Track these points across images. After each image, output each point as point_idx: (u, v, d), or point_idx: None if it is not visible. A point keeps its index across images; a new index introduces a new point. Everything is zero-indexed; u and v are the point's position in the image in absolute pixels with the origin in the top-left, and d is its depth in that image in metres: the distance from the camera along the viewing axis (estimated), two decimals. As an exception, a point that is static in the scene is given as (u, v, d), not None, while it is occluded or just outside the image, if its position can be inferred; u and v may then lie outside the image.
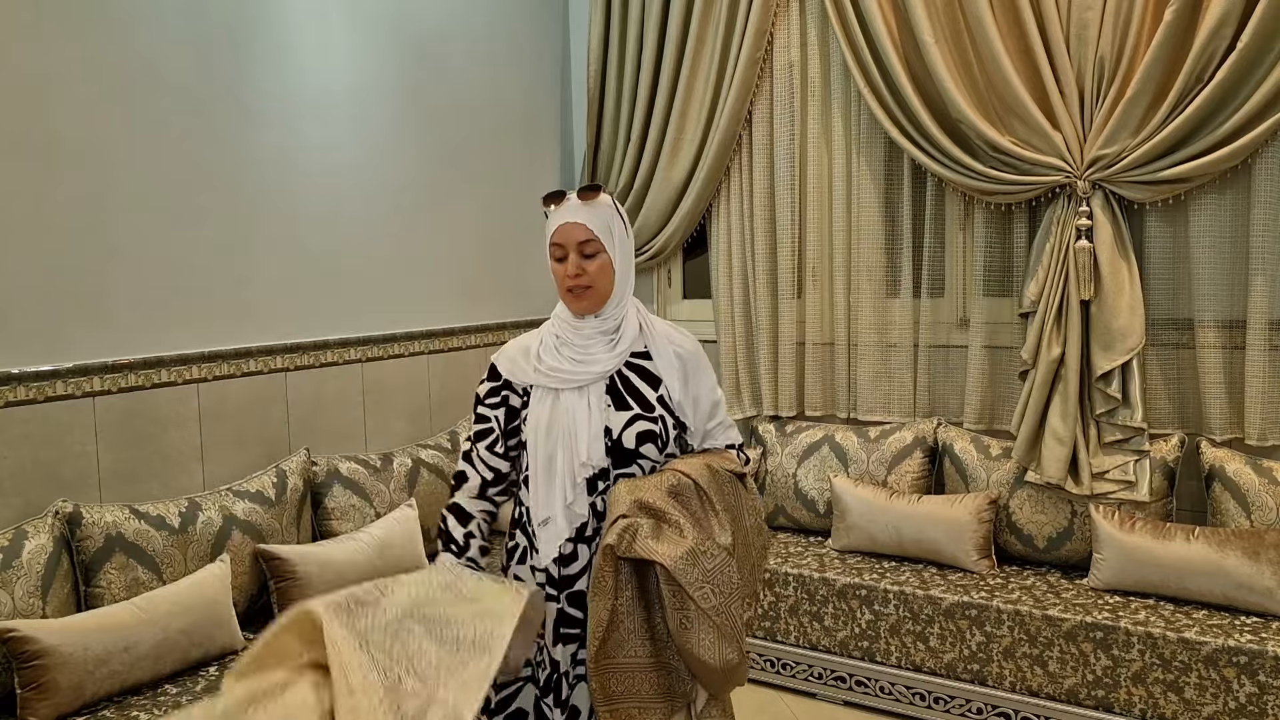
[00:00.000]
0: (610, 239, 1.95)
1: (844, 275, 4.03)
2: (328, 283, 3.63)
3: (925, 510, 3.51)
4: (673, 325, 2.09)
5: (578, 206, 1.95)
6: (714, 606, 1.79)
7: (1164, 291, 3.43)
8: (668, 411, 1.97)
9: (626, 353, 1.98)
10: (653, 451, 1.94)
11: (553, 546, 1.94)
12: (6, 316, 2.75)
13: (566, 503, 1.92)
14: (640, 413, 1.94)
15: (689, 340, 2.06)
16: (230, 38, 3.27)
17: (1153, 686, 2.91)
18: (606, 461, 1.92)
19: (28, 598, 2.52)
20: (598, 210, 1.95)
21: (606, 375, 1.96)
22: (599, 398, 1.94)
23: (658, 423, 1.95)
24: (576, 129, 4.70)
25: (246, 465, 3.32)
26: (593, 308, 1.97)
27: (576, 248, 1.94)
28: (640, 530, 1.81)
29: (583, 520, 1.93)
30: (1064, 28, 3.38)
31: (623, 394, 1.96)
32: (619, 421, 1.93)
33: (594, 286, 1.95)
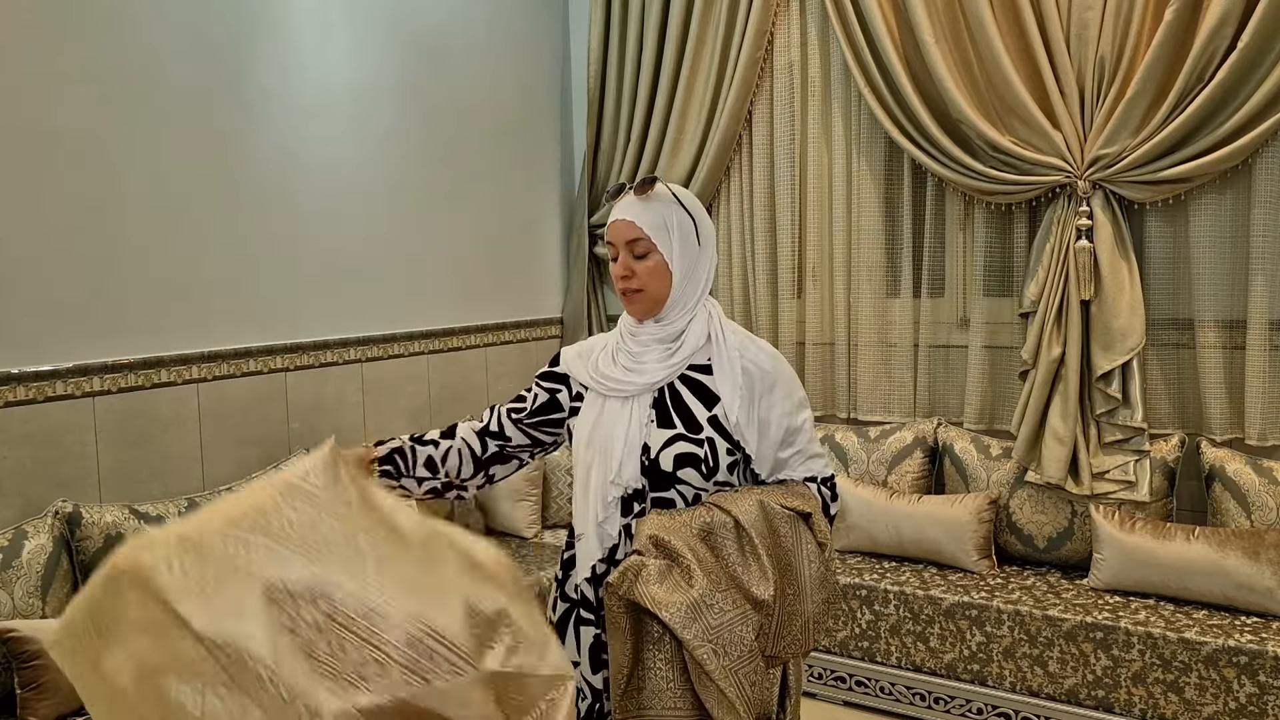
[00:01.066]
0: (667, 237, 1.77)
1: (844, 275, 4.03)
2: (328, 283, 3.62)
3: (925, 510, 3.51)
4: (753, 337, 1.86)
5: (630, 201, 1.79)
6: (717, 669, 1.57)
7: (1164, 291, 3.43)
8: (720, 434, 1.75)
9: (683, 364, 1.79)
10: (694, 477, 1.75)
11: (585, 565, 1.81)
12: (6, 316, 2.75)
13: (598, 520, 1.78)
14: (683, 432, 1.75)
15: (766, 355, 1.81)
16: (231, 38, 3.27)
17: (1153, 687, 2.91)
18: (641, 482, 1.76)
19: (27, 598, 2.52)
20: (651, 205, 1.77)
21: (654, 387, 1.78)
22: (642, 411, 1.78)
23: (703, 445, 1.74)
24: (576, 129, 4.70)
25: (246, 465, 3.31)
26: (648, 312, 1.80)
27: (626, 246, 1.78)
28: (645, 571, 1.62)
29: (614, 542, 1.78)
30: (1064, 27, 3.38)
31: (669, 410, 1.77)
32: (659, 440, 1.75)
33: (645, 290, 1.78)
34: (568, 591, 1.90)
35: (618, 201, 1.83)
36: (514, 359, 4.41)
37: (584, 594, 1.82)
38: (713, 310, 1.85)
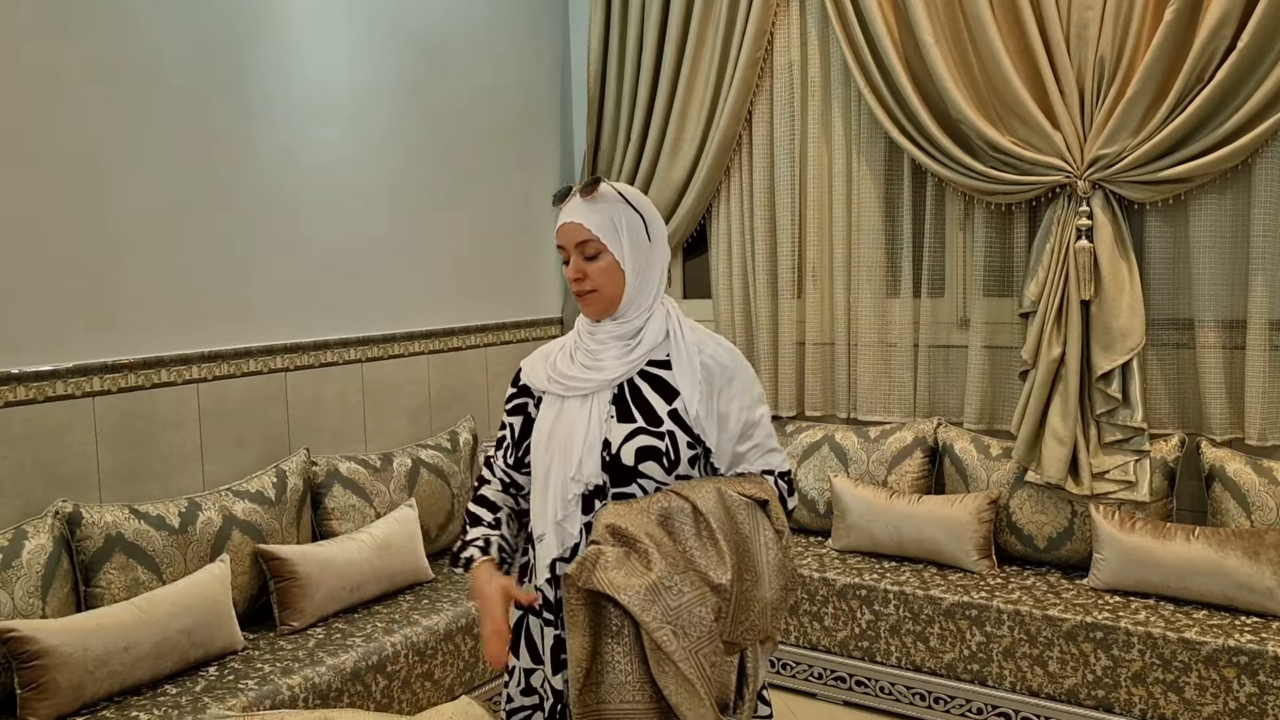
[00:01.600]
0: (616, 236, 1.78)
1: (844, 275, 4.03)
2: (328, 283, 3.63)
3: (925, 510, 3.51)
4: (712, 334, 1.88)
5: (578, 204, 1.79)
6: (677, 650, 1.58)
7: (1164, 291, 3.43)
8: (681, 428, 1.77)
9: (642, 360, 1.80)
10: (656, 471, 1.76)
11: (544, 566, 1.80)
12: (6, 316, 2.75)
13: (557, 519, 1.78)
14: (644, 426, 1.76)
15: (724, 351, 1.83)
16: (231, 38, 3.27)
17: (1153, 687, 2.91)
18: (602, 478, 1.76)
19: (27, 598, 2.52)
20: (598, 206, 1.78)
21: (613, 383, 1.79)
22: (602, 408, 1.78)
23: (664, 439, 1.75)
24: (576, 129, 4.70)
25: (246, 465, 3.31)
26: (602, 312, 1.82)
27: (576, 249, 1.79)
28: (603, 559, 1.62)
29: (575, 541, 1.77)
30: (1064, 27, 3.38)
31: (629, 405, 1.78)
32: (619, 434, 1.76)
33: (599, 290, 1.79)
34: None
35: (565, 205, 1.83)
36: (514, 359, 4.40)
37: (544, 595, 1.81)
38: (670, 308, 1.86)
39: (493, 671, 3.21)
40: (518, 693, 1.92)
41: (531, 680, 1.91)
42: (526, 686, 1.91)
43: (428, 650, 2.99)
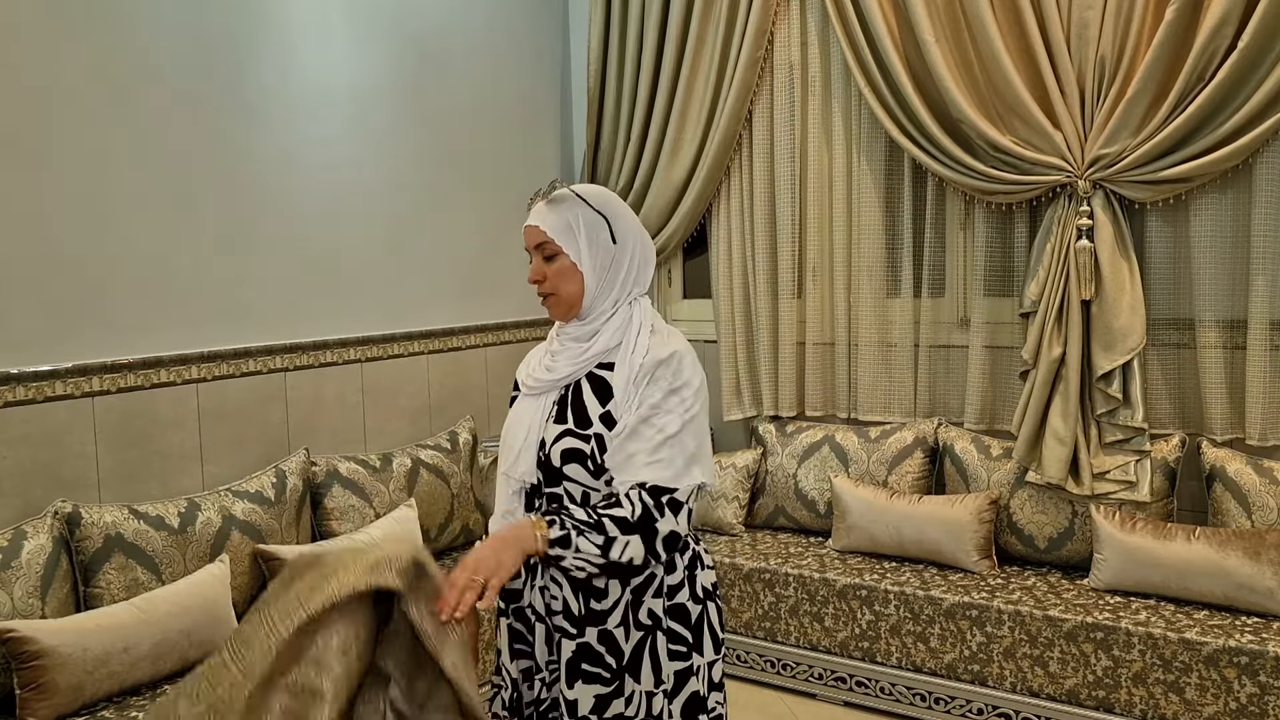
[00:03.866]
0: (573, 238, 1.78)
1: (844, 275, 4.02)
2: (327, 283, 3.62)
3: (926, 510, 3.50)
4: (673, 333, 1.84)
5: (539, 208, 1.83)
6: None
7: (1165, 291, 3.43)
8: (610, 429, 1.74)
9: (591, 363, 1.80)
10: (581, 474, 1.75)
11: None
12: (6, 316, 2.75)
13: (504, 511, 1.85)
14: (572, 428, 1.76)
15: (667, 349, 1.77)
16: (230, 37, 3.27)
17: (1153, 687, 2.91)
18: (537, 476, 1.79)
19: (27, 598, 2.51)
20: (557, 208, 1.80)
21: (560, 384, 1.81)
22: (546, 408, 1.82)
23: (589, 441, 1.74)
24: (576, 129, 4.70)
25: (246, 465, 3.31)
26: (565, 314, 1.82)
27: (535, 250, 1.82)
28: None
29: None
30: (1065, 27, 3.37)
31: (567, 406, 1.80)
32: (551, 435, 1.78)
33: (556, 293, 1.80)
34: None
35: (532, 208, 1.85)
36: (514, 359, 4.38)
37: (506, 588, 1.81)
38: (637, 311, 1.82)
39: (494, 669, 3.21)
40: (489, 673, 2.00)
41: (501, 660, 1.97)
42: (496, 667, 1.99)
43: (427, 650, 2.99)
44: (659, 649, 1.79)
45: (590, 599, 1.77)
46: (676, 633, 1.81)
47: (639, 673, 1.78)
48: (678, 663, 1.81)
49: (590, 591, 1.76)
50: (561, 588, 1.77)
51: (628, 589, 1.77)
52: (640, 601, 1.78)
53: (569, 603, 1.77)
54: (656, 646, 1.79)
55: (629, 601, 1.77)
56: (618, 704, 1.76)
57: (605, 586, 1.76)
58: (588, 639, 1.77)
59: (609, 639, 1.77)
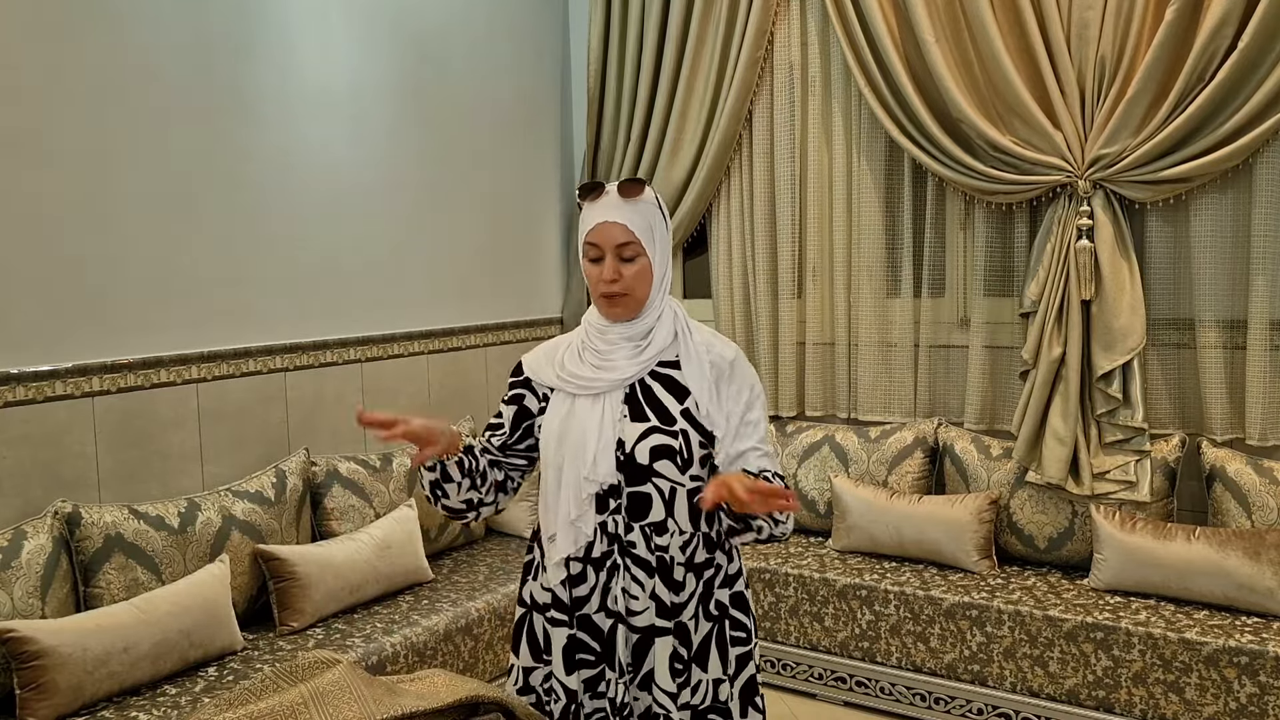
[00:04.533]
0: (652, 241, 1.79)
1: (844, 275, 4.02)
2: (327, 283, 3.62)
3: (926, 510, 3.50)
4: (716, 334, 1.92)
5: (618, 204, 1.78)
6: None
7: (1165, 291, 3.43)
8: (694, 426, 1.79)
9: (653, 361, 1.82)
10: (670, 469, 1.78)
11: (558, 566, 1.82)
12: (6, 316, 2.75)
13: (570, 519, 1.79)
14: (658, 425, 1.78)
15: (729, 348, 1.87)
16: (230, 38, 3.27)
17: (1153, 687, 2.91)
18: (617, 477, 1.78)
19: (27, 598, 2.51)
20: (640, 208, 1.79)
21: (626, 383, 1.81)
22: (615, 407, 1.80)
23: (678, 437, 1.77)
24: (576, 129, 4.70)
25: (246, 465, 3.31)
26: (628, 314, 1.82)
27: (614, 250, 1.78)
28: None
29: (589, 539, 1.80)
30: (1065, 27, 3.37)
31: (642, 404, 1.80)
32: (633, 434, 1.78)
33: (631, 294, 1.79)
34: (523, 595, 1.92)
35: (596, 201, 1.81)
36: (514, 359, 4.34)
37: (556, 595, 1.83)
38: (678, 309, 1.90)
39: (492, 674, 3.21)
40: (514, 690, 1.94)
41: (530, 679, 1.91)
42: (524, 685, 1.92)
43: (427, 651, 2.99)
44: (725, 637, 1.85)
45: (673, 592, 1.80)
46: (739, 620, 1.87)
47: (706, 662, 1.82)
48: (739, 648, 1.87)
49: (672, 585, 1.79)
50: (644, 588, 1.78)
51: (701, 581, 1.82)
52: (710, 593, 1.84)
53: (662, 597, 1.78)
54: (724, 635, 1.85)
55: (701, 593, 1.82)
56: (685, 694, 1.81)
57: (684, 579, 1.80)
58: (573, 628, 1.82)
59: (683, 631, 1.81)
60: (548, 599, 1.85)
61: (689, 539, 1.82)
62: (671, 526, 1.80)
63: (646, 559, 1.79)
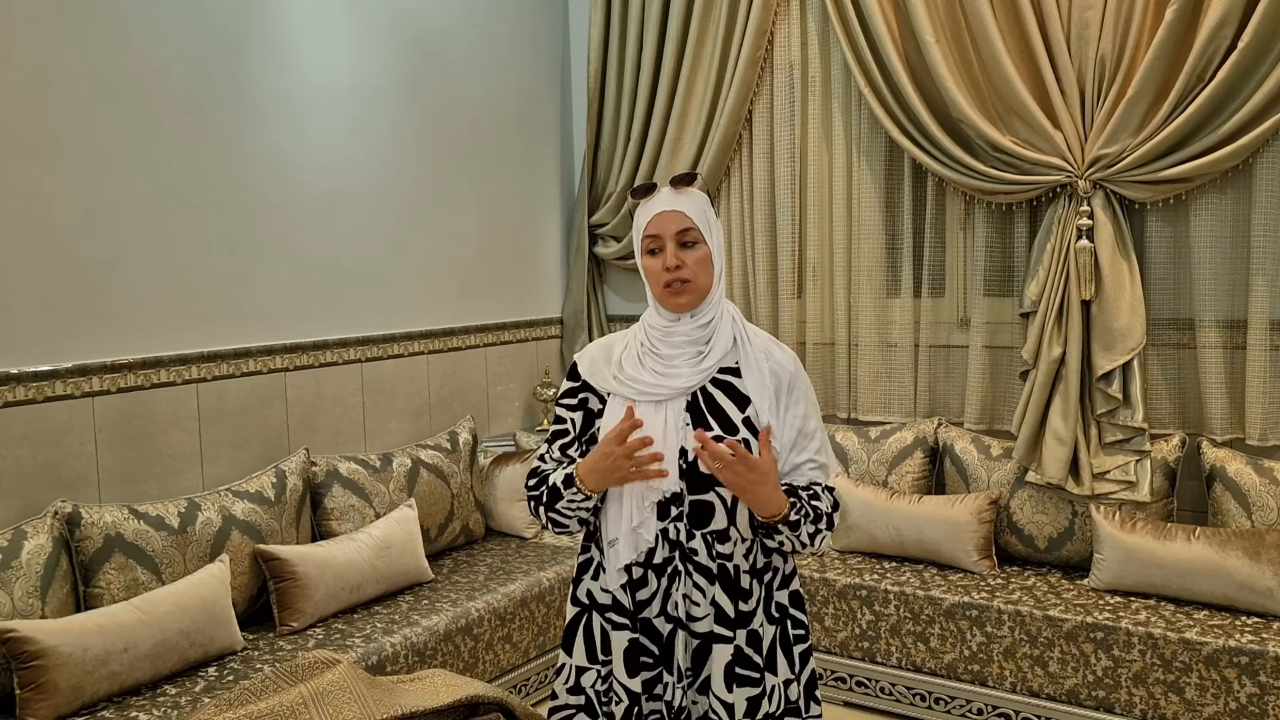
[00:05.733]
0: (709, 229, 1.81)
1: (844, 275, 4.02)
2: (327, 283, 3.62)
3: (926, 510, 3.50)
4: (773, 339, 1.90)
5: (672, 195, 1.81)
6: None
7: (1165, 291, 3.43)
8: (755, 435, 1.77)
9: (714, 368, 1.81)
10: None
11: (618, 571, 1.81)
12: (6, 316, 2.75)
13: (633, 525, 1.78)
14: (720, 434, 1.76)
15: (789, 358, 1.86)
16: (230, 38, 3.27)
17: (1153, 687, 2.91)
18: (680, 485, 1.77)
19: (27, 598, 2.51)
20: (695, 198, 1.81)
21: (689, 391, 1.79)
22: (677, 414, 1.78)
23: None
24: (576, 129, 4.70)
25: (246, 465, 3.31)
26: (691, 305, 1.80)
27: (675, 237, 1.78)
28: None
29: (650, 546, 1.78)
30: (1065, 27, 3.37)
31: (704, 412, 1.79)
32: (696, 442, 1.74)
33: (694, 280, 1.78)
34: (579, 595, 1.90)
35: (650, 199, 1.83)
36: (514, 359, 4.41)
37: (617, 600, 1.82)
38: (735, 314, 1.87)
39: (492, 674, 3.21)
40: (564, 690, 1.91)
41: (582, 680, 1.89)
42: (575, 685, 1.90)
43: (427, 651, 2.99)
44: (789, 637, 1.86)
45: (738, 600, 1.79)
46: (798, 619, 1.88)
47: (775, 665, 1.83)
48: (800, 645, 1.88)
49: (738, 593, 1.79)
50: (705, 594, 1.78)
51: (763, 586, 1.82)
52: (771, 596, 1.84)
53: (723, 605, 1.78)
54: (788, 636, 1.86)
55: (764, 598, 1.82)
56: (764, 704, 1.80)
57: (750, 586, 1.80)
58: (739, 641, 1.79)
59: (755, 639, 1.80)
60: (608, 600, 1.83)
61: (750, 546, 1.82)
62: (734, 535, 1.80)
63: (708, 566, 1.78)
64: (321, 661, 2.46)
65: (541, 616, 3.40)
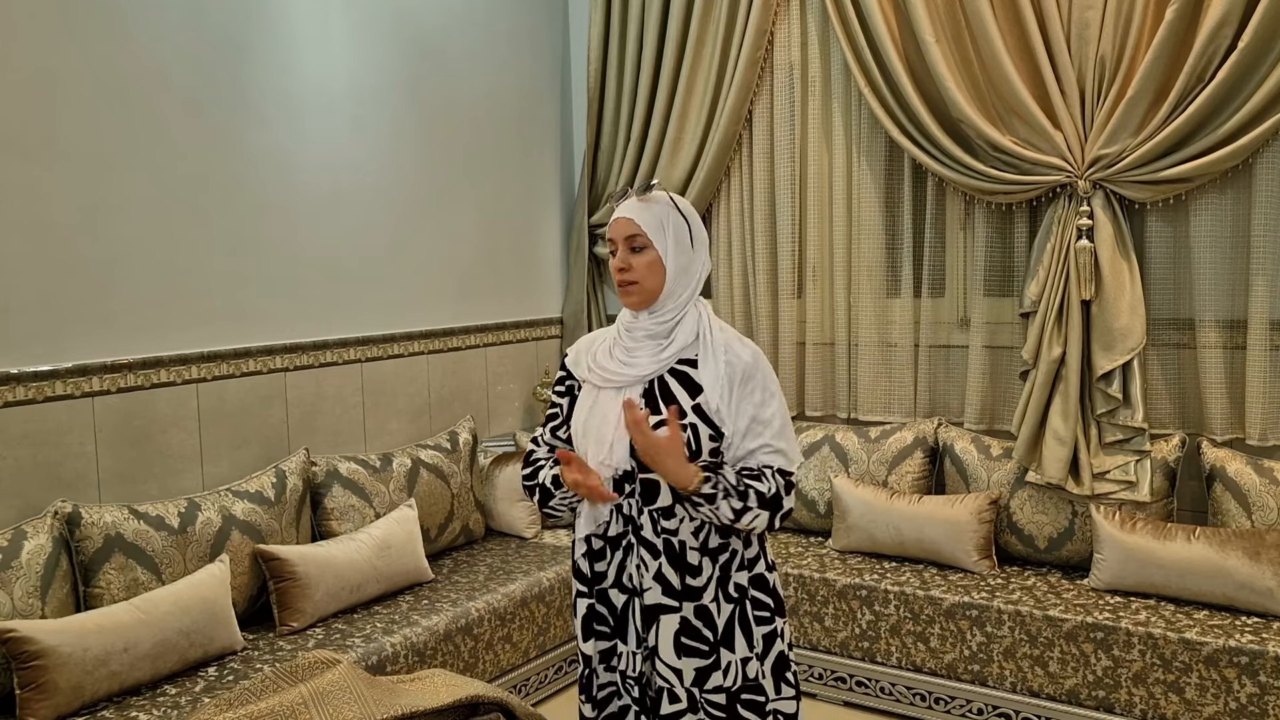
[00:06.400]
0: (663, 235, 1.94)
1: (844, 275, 4.02)
2: (327, 283, 3.62)
3: (926, 510, 3.50)
4: (739, 337, 2.02)
5: (632, 203, 1.97)
6: None
7: (1165, 291, 3.43)
8: (703, 421, 1.91)
9: (673, 359, 1.95)
10: None
11: (581, 542, 2.01)
12: (6, 316, 2.75)
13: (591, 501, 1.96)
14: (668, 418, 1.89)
15: (748, 352, 1.97)
16: (230, 38, 3.27)
17: (1153, 687, 2.91)
18: (630, 464, 1.92)
19: (27, 598, 2.51)
20: (650, 207, 1.95)
21: (646, 379, 1.95)
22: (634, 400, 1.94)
23: (686, 430, 1.90)
24: (576, 129, 4.70)
25: (246, 465, 3.31)
26: (641, 304, 1.96)
27: (624, 242, 1.95)
28: None
29: (605, 520, 1.97)
30: (1065, 27, 3.37)
31: (657, 398, 1.94)
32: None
33: (640, 283, 1.94)
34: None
35: (618, 204, 2.00)
36: (514, 359, 4.41)
37: (578, 568, 2.03)
38: (704, 310, 2.02)
39: (492, 674, 3.21)
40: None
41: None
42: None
43: (427, 651, 2.99)
44: (749, 618, 1.97)
45: (686, 575, 1.93)
46: (760, 600, 1.99)
47: (733, 643, 1.95)
48: (764, 627, 1.98)
49: (685, 568, 1.93)
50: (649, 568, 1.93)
51: (717, 565, 1.95)
52: (728, 576, 1.96)
53: (669, 578, 1.92)
54: (747, 616, 1.97)
55: (719, 577, 1.95)
56: (716, 676, 1.94)
57: (699, 563, 1.93)
58: (685, 613, 1.93)
59: (705, 614, 1.93)
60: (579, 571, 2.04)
61: (701, 524, 1.94)
62: (680, 512, 1.93)
63: (653, 541, 1.93)
64: (321, 661, 2.46)
65: (541, 616, 3.40)
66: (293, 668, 2.45)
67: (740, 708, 1.95)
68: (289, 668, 2.45)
